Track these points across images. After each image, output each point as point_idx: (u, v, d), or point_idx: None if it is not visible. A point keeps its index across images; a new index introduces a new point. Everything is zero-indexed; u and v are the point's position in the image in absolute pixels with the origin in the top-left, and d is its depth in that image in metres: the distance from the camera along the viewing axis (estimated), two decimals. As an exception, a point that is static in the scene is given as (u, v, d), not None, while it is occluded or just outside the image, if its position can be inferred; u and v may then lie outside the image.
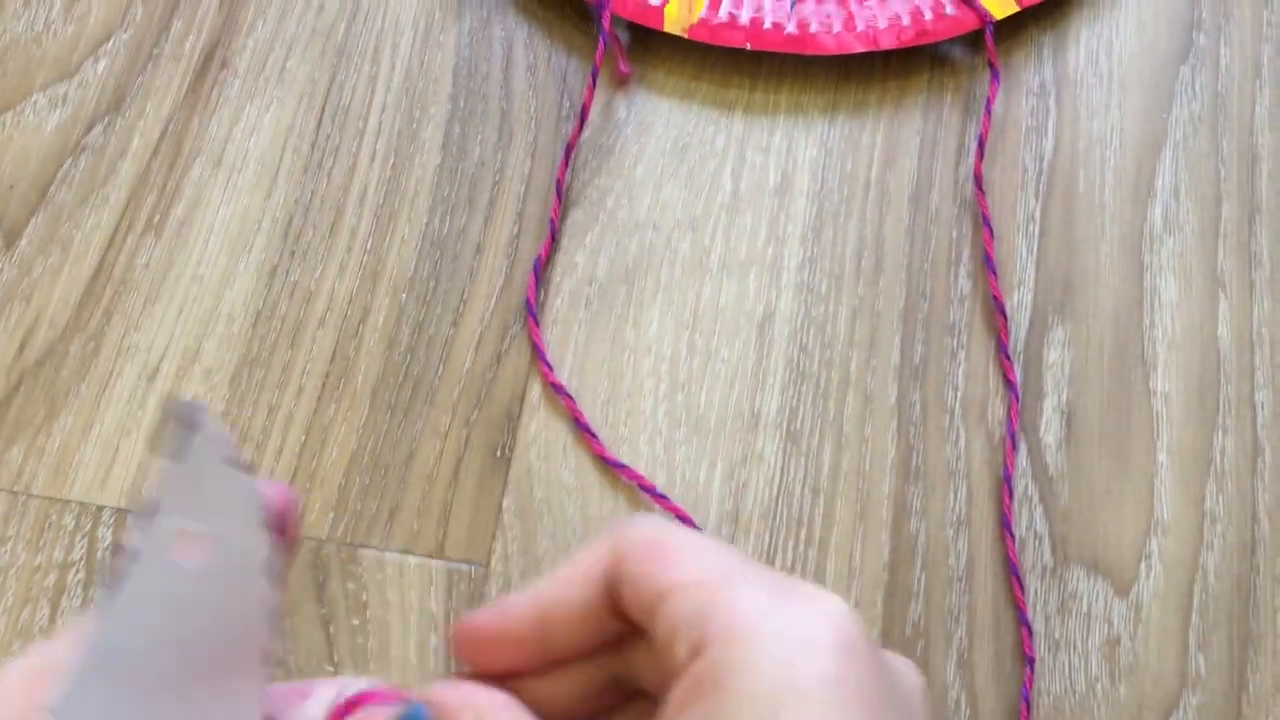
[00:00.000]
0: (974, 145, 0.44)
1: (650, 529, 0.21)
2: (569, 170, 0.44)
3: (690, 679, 0.18)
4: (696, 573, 0.20)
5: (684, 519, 0.39)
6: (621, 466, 0.40)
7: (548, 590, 0.22)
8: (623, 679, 0.23)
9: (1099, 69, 0.46)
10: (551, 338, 0.42)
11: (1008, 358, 0.41)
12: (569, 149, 0.44)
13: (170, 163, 0.45)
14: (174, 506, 0.20)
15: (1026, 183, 0.44)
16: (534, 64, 0.47)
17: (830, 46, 0.44)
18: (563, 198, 0.44)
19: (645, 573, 0.20)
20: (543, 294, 0.43)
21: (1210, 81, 0.46)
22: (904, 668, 0.20)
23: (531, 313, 0.42)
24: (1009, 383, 0.41)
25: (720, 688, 0.17)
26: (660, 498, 0.39)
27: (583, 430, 0.40)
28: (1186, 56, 0.46)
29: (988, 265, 0.42)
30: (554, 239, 0.43)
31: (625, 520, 0.22)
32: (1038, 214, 0.44)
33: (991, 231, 0.42)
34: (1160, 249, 0.43)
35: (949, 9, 0.45)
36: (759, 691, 0.17)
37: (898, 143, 0.45)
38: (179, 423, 0.21)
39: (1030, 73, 0.46)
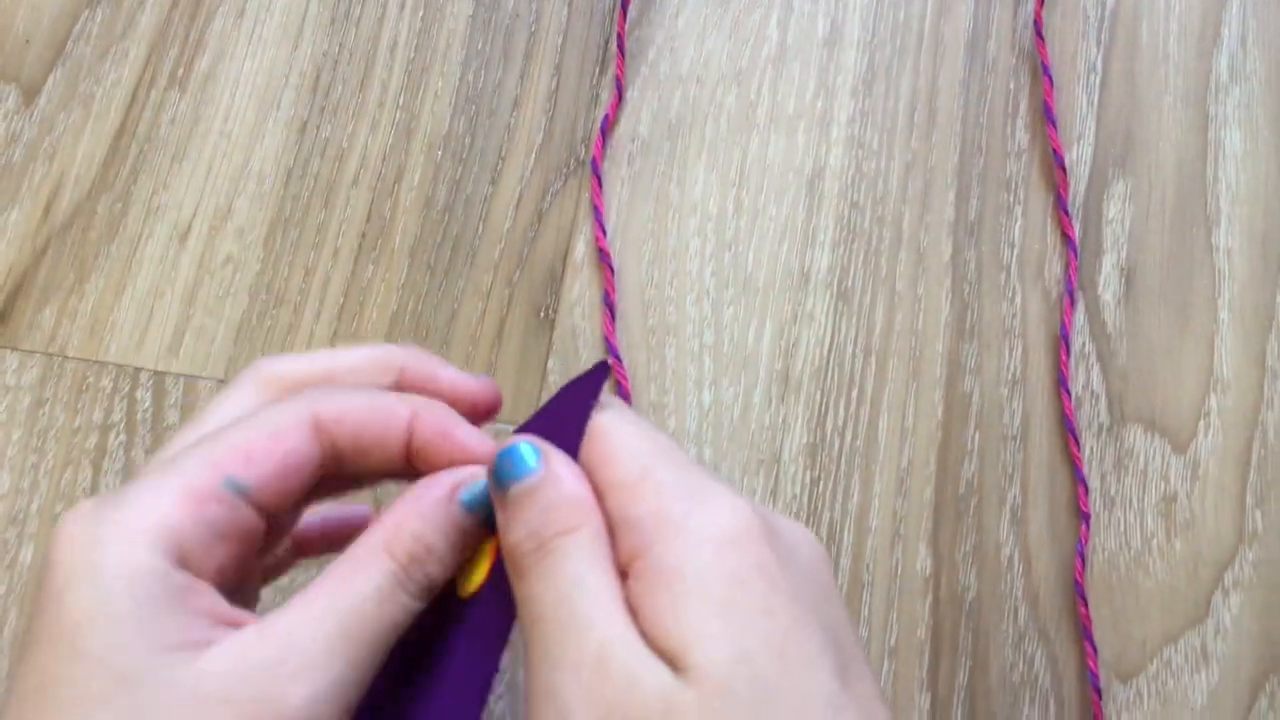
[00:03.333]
0: (1033, -9, 0.42)
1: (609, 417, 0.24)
2: (609, 23, 0.42)
3: (635, 578, 0.21)
4: (623, 474, 0.22)
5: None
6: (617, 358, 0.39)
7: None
8: None
9: (1165, -91, 0.44)
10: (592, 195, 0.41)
11: (1066, 213, 0.40)
12: (624, 2, 0.42)
13: (191, 14, 0.43)
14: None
15: (1088, 31, 0.42)
16: (568, -92, 0.44)
17: None
18: (621, 51, 0.42)
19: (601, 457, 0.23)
20: (582, 150, 0.41)
21: (1282, -78, 0.43)
22: (803, 543, 0.23)
23: (597, 175, 0.40)
24: (1067, 239, 0.40)
25: (659, 586, 0.21)
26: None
27: (608, 309, 0.39)
28: (1258, -104, 0.44)
29: (1047, 117, 0.40)
30: (620, 97, 0.41)
31: None
32: (1099, 64, 0.42)
33: (1051, 81, 0.41)
34: (1226, 100, 0.41)
35: None
36: (688, 587, 0.21)
37: (952, -11, 0.43)
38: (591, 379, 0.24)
39: (1092, -86, 0.43)
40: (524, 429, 0.25)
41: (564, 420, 0.24)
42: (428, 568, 0.23)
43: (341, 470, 0.24)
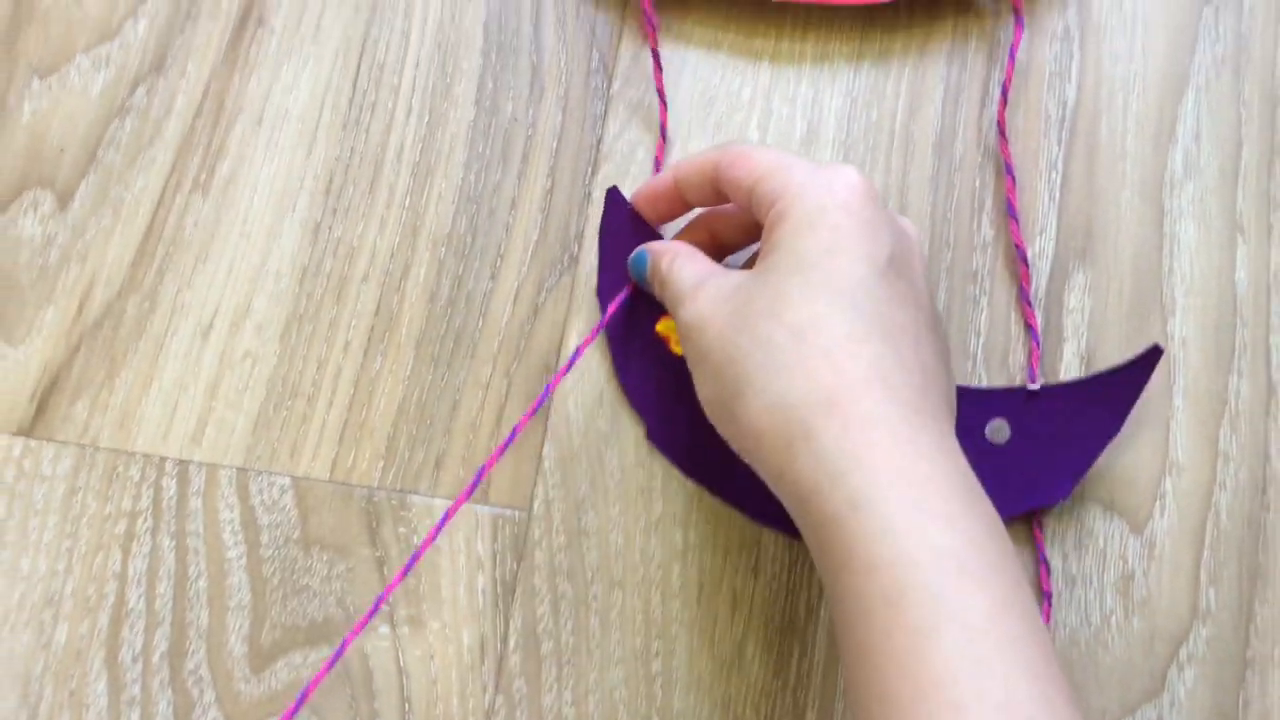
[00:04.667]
0: (998, 92, 0.45)
1: (739, 145, 0.37)
2: (600, 125, 0.45)
3: (765, 239, 0.34)
4: (765, 165, 0.35)
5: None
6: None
7: (679, 170, 0.39)
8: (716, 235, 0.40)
9: (1123, 12, 0.46)
10: (588, 289, 0.43)
11: (1029, 304, 0.42)
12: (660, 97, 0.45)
13: (213, 122, 0.46)
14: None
15: (1049, 129, 0.45)
16: (563, 17, 0.47)
17: None
18: (663, 131, 0.45)
19: (735, 174, 0.36)
20: (575, 247, 0.44)
21: (1234, 23, 0.46)
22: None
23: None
24: (1030, 329, 0.42)
25: (785, 218, 0.34)
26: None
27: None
28: (1211, -2, 0.46)
29: (1010, 213, 0.43)
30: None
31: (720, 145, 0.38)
32: (1060, 161, 0.44)
33: (1014, 179, 0.43)
34: (1180, 194, 0.44)
35: None
36: (804, 215, 0.33)
37: (922, 91, 0.46)
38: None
39: (1054, 18, 0.46)
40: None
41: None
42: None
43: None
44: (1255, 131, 0.45)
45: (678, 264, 0.37)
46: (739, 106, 0.46)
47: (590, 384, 0.42)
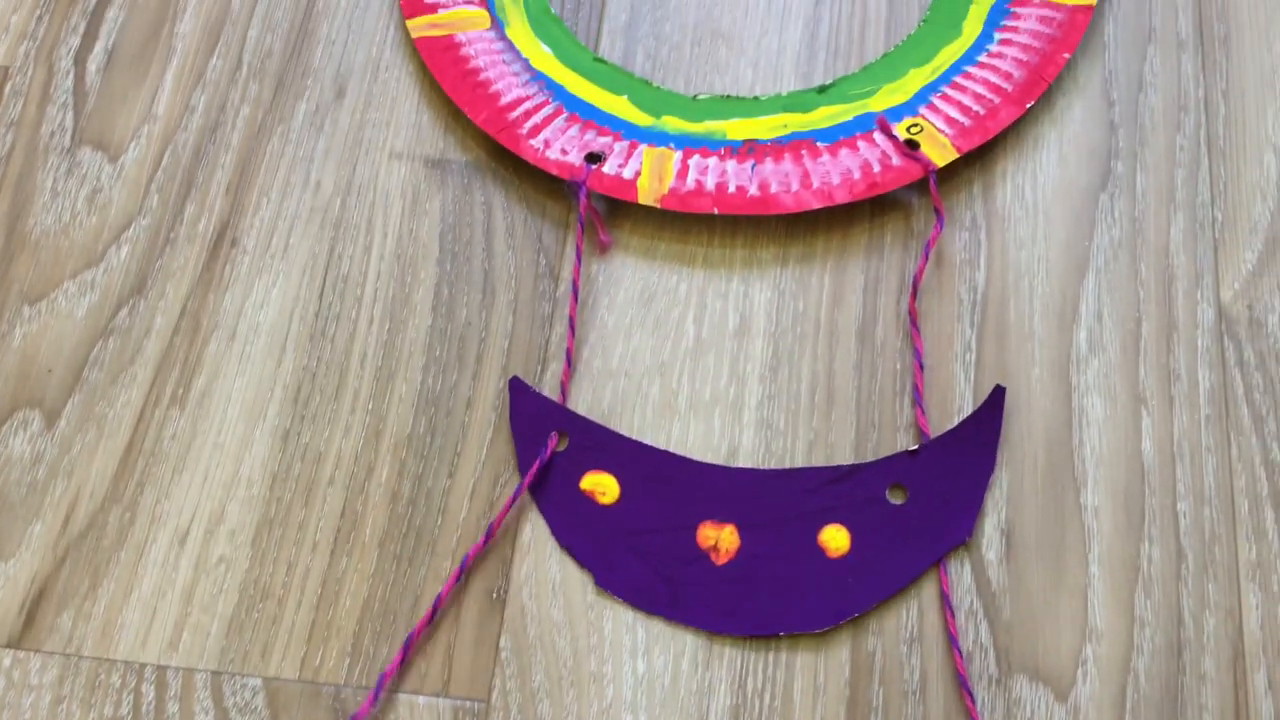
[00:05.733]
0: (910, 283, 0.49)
1: None
2: (548, 326, 0.49)
3: None
4: None
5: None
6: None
7: None
8: None
9: (1025, 201, 0.50)
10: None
11: (950, 481, 0.45)
12: (571, 322, 0.48)
13: (190, 339, 0.50)
14: None
15: (962, 314, 0.48)
16: (512, 226, 0.51)
17: (790, 205, 0.49)
18: (568, 358, 0.48)
19: None
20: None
21: (1128, 208, 0.50)
22: None
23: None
24: (952, 505, 0.45)
25: None
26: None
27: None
28: (1105, 184, 0.51)
29: (916, 401, 0.46)
30: (564, 394, 0.48)
31: None
32: (973, 343, 0.48)
33: (922, 366, 0.47)
34: (1086, 370, 0.47)
35: (895, 160, 0.49)
36: None
37: (844, 282, 0.49)
38: None
39: (962, 208, 0.50)
40: None
41: None
42: None
43: None
44: (1153, 309, 0.48)
45: None
46: (676, 302, 0.50)
47: (543, 576, 0.45)
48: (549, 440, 0.46)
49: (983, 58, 0.51)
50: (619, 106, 0.52)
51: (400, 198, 0.52)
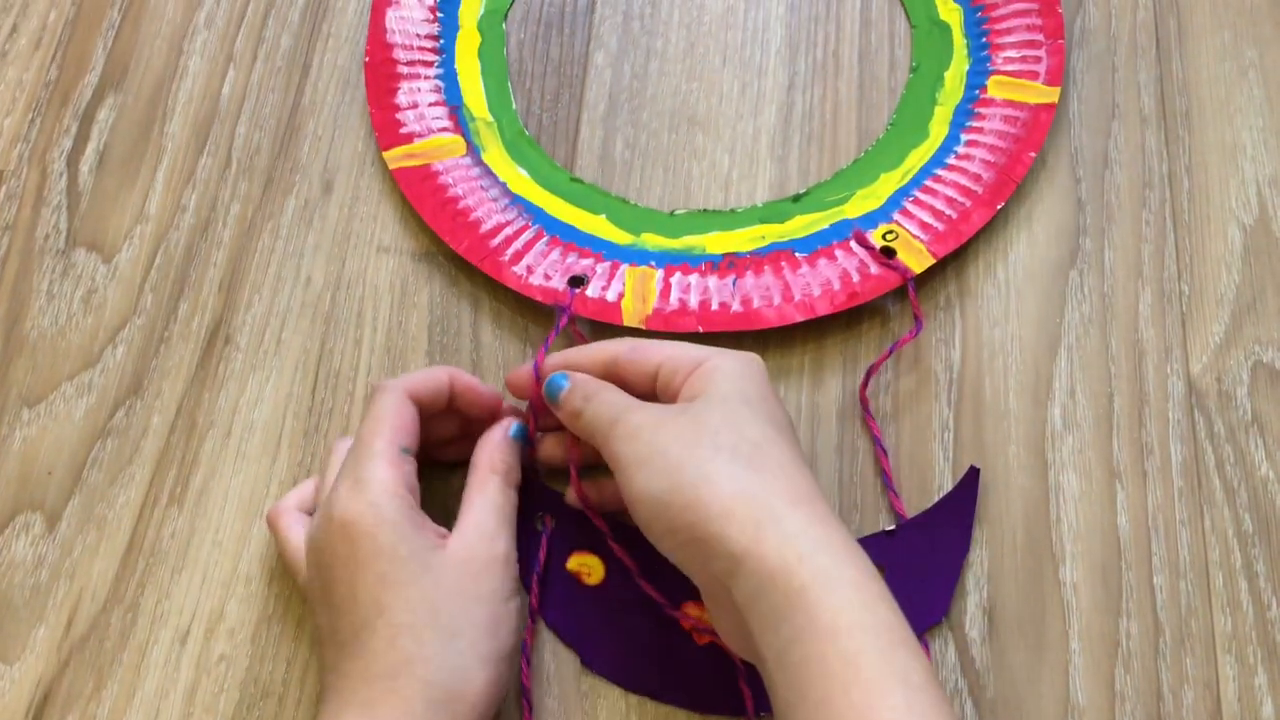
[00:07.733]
0: (889, 364, 0.50)
1: (632, 339, 0.45)
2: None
3: (684, 392, 0.42)
4: (668, 349, 0.44)
5: None
6: None
7: (573, 358, 0.46)
8: None
9: (997, 280, 0.52)
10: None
11: (931, 561, 0.46)
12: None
13: (186, 438, 0.51)
14: None
15: (939, 393, 0.50)
16: (498, 316, 0.53)
17: (773, 319, 0.50)
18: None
19: (639, 359, 0.44)
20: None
21: (1097, 284, 0.51)
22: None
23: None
24: (934, 585, 0.46)
25: (717, 370, 0.42)
26: None
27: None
28: (1075, 261, 0.52)
29: (886, 485, 0.48)
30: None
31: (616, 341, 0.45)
32: (951, 421, 0.49)
33: (885, 451, 0.48)
34: (1061, 446, 0.48)
35: (873, 269, 0.50)
36: (736, 367, 0.42)
37: (823, 365, 0.51)
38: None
39: (935, 287, 0.52)
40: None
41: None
42: (513, 473, 0.46)
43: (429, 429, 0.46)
44: (1124, 384, 0.49)
45: (605, 392, 0.43)
46: (660, 388, 0.51)
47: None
48: (545, 521, 0.47)
49: (951, 159, 0.53)
50: (598, 226, 0.53)
51: (389, 291, 0.54)
